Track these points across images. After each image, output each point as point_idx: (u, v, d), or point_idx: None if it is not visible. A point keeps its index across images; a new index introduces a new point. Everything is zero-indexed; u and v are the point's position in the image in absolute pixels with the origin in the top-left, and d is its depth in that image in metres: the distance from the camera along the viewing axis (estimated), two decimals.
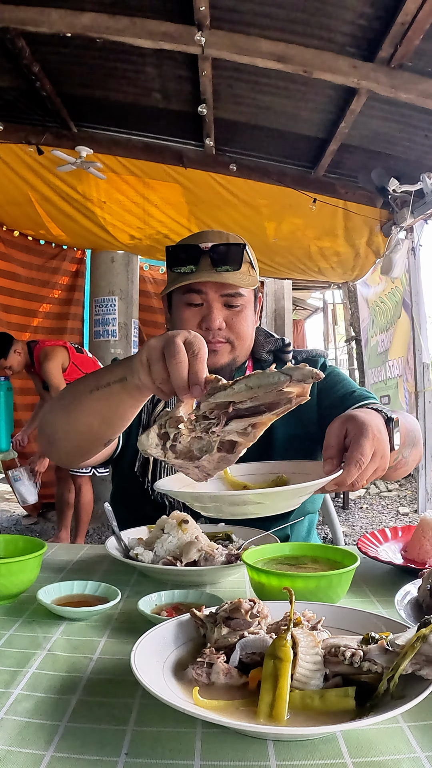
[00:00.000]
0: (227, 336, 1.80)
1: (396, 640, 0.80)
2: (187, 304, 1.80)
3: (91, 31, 4.49)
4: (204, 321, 1.77)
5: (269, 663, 0.79)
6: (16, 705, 0.82)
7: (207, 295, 1.77)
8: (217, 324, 1.76)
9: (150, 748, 0.73)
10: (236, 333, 1.81)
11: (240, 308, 1.80)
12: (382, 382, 7.39)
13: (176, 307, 1.85)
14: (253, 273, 1.84)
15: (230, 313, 1.80)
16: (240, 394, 1.08)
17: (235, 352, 1.83)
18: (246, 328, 1.83)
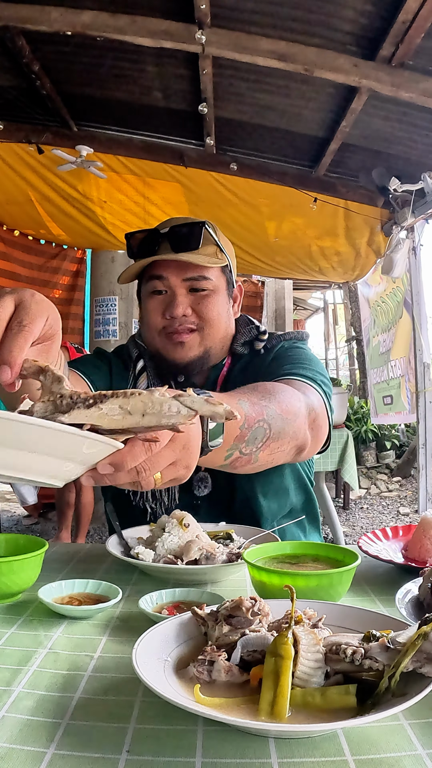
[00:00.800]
0: (195, 322, 1.69)
1: (397, 637, 0.80)
2: (151, 293, 1.72)
3: (91, 29, 4.49)
4: (167, 309, 1.69)
5: (270, 661, 0.79)
6: (17, 703, 0.82)
7: (169, 281, 1.68)
8: (180, 310, 1.67)
9: (151, 746, 0.73)
10: (204, 319, 1.69)
11: (207, 293, 1.70)
12: (384, 383, 7.39)
13: (143, 299, 1.77)
14: (222, 257, 1.73)
15: (196, 298, 1.70)
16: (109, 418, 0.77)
17: (206, 343, 1.71)
18: (216, 314, 1.70)
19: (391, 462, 10.16)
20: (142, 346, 1.84)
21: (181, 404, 0.76)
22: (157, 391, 0.76)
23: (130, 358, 1.86)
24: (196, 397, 0.76)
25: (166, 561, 1.33)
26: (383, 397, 7.44)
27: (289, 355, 1.78)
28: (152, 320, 1.72)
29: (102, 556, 1.54)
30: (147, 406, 0.76)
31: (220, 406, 0.76)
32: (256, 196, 6.57)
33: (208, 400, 0.76)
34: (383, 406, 7.46)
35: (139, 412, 0.76)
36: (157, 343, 1.73)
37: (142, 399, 0.76)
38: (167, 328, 1.70)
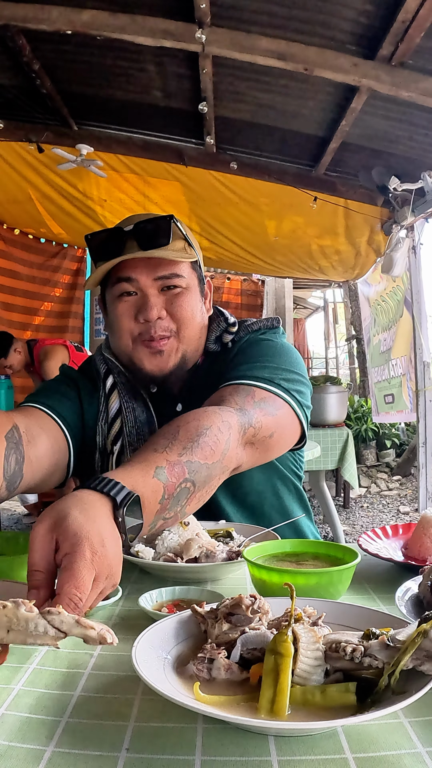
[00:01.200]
0: (170, 327, 1.58)
1: (397, 635, 0.80)
2: (119, 296, 1.59)
3: (91, 28, 4.49)
4: (140, 312, 1.56)
5: (270, 658, 0.79)
6: (17, 701, 0.82)
7: (138, 282, 1.56)
8: (155, 313, 1.55)
9: (151, 744, 0.73)
10: (179, 320, 1.59)
11: (180, 291, 1.59)
12: (385, 381, 7.40)
13: (110, 305, 1.63)
14: (191, 252, 1.62)
15: (169, 298, 1.59)
16: None
17: (182, 348, 1.62)
18: (191, 314, 1.61)
19: (392, 461, 10.16)
20: (110, 360, 1.72)
21: (48, 624, 0.71)
22: (24, 605, 0.71)
23: (98, 374, 1.75)
24: (66, 617, 0.71)
25: (165, 559, 1.33)
26: (384, 396, 7.44)
27: (250, 352, 1.66)
28: (124, 326, 1.59)
29: None
30: (12, 622, 0.71)
31: (92, 630, 0.70)
32: (256, 195, 6.57)
33: (79, 621, 0.71)
34: (384, 404, 7.47)
35: (3, 627, 0.71)
36: (131, 351, 1.61)
37: (7, 613, 0.71)
38: (143, 334, 1.58)
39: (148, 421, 1.66)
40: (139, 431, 1.65)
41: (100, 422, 1.69)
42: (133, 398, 1.68)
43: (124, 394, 1.69)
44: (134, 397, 1.69)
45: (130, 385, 1.70)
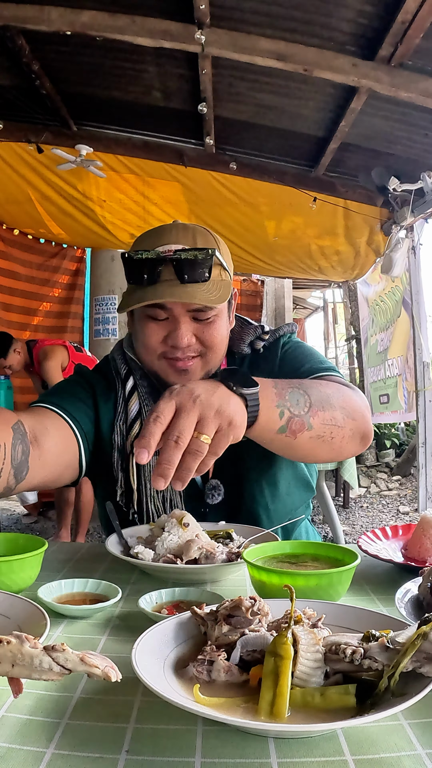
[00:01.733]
0: (198, 350, 1.59)
1: (396, 637, 0.80)
2: (150, 317, 1.58)
3: (90, 29, 4.49)
4: (170, 338, 1.56)
5: (270, 660, 0.79)
6: (16, 702, 0.82)
7: (173, 311, 1.54)
8: (185, 342, 1.54)
9: (151, 746, 0.73)
10: (208, 345, 1.59)
11: (212, 320, 1.58)
12: (381, 381, 7.40)
13: (139, 320, 1.63)
14: (226, 275, 1.61)
15: (201, 327, 1.57)
16: None
17: (208, 366, 1.62)
18: (219, 339, 1.61)
19: (391, 461, 10.15)
20: (132, 361, 1.74)
21: (53, 661, 0.72)
22: (27, 641, 0.72)
23: (117, 374, 1.76)
24: (71, 654, 0.72)
25: (165, 560, 1.33)
26: (379, 396, 7.44)
27: (300, 354, 1.75)
28: (151, 345, 1.59)
29: (101, 555, 1.54)
30: (17, 657, 0.72)
31: (96, 668, 0.71)
32: (255, 196, 6.57)
33: (83, 659, 0.72)
34: (379, 404, 7.47)
35: (8, 662, 0.72)
36: (156, 366, 1.63)
37: (11, 649, 0.72)
38: (167, 354, 1.59)
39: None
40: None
41: (119, 422, 1.70)
42: (153, 401, 1.69)
43: (144, 396, 1.71)
44: (154, 400, 1.69)
45: (151, 388, 1.71)
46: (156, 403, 1.24)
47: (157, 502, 1.68)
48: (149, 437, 1.07)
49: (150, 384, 1.72)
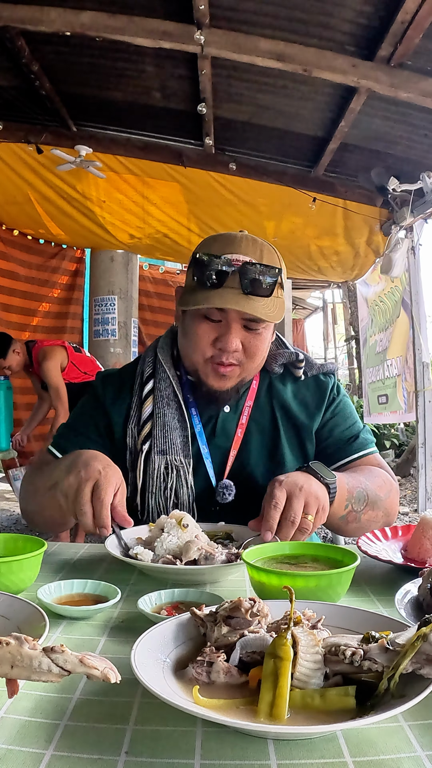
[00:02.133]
0: (240, 358, 1.69)
1: (396, 639, 0.80)
2: (205, 317, 1.67)
3: (90, 30, 4.49)
4: (219, 340, 1.66)
5: (269, 662, 0.79)
6: (15, 704, 0.82)
7: (227, 315, 1.65)
8: (233, 347, 1.65)
9: (150, 747, 0.73)
10: (250, 356, 1.70)
11: (260, 331, 1.69)
12: (380, 381, 7.39)
13: (191, 317, 1.71)
14: (281, 293, 1.71)
15: (249, 336, 1.68)
16: None
17: (243, 374, 1.74)
18: (261, 352, 1.73)
19: (391, 461, 10.15)
20: (161, 364, 1.84)
21: (52, 662, 0.72)
22: (27, 642, 0.73)
23: (140, 375, 1.87)
24: (70, 656, 0.72)
25: (165, 561, 1.33)
26: (378, 396, 7.44)
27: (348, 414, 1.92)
28: (200, 346, 1.69)
29: (101, 556, 1.54)
30: (16, 658, 0.72)
31: (95, 670, 0.71)
32: (255, 196, 6.57)
33: (82, 660, 0.72)
34: (377, 405, 7.46)
35: (7, 663, 0.72)
36: (199, 366, 1.73)
37: (10, 650, 0.72)
38: (214, 358, 1.69)
39: (180, 426, 1.78)
40: (166, 435, 1.76)
41: (131, 425, 1.80)
42: (167, 405, 1.80)
43: (159, 400, 1.80)
44: (168, 403, 1.80)
45: (168, 391, 1.81)
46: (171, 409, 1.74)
47: (160, 499, 1.74)
48: (272, 521, 1.39)
49: (170, 387, 1.82)
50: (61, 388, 5.54)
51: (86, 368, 5.83)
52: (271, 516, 1.39)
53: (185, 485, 1.73)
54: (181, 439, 1.76)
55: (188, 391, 1.83)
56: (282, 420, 1.85)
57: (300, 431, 1.86)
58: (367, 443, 1.89)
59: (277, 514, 1.39)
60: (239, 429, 1.82)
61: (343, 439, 1.87)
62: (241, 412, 1.84)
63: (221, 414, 1.82)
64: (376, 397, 7.47)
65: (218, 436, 1.81)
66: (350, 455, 1.85)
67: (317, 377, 1.92)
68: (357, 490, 1.66)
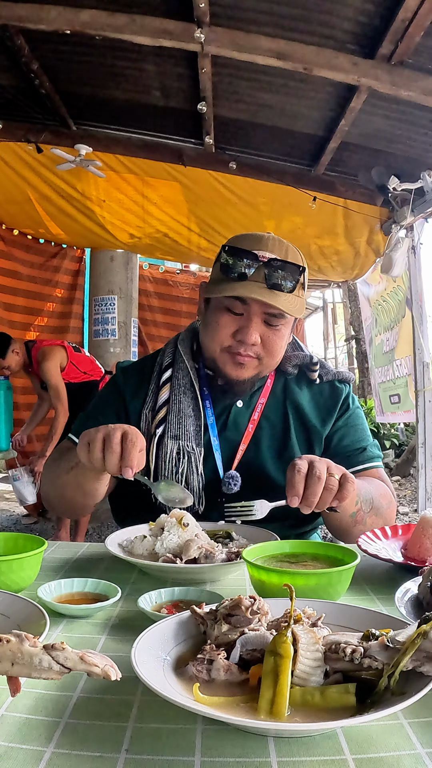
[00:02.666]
0: (258, 352, 1.75)
1: (396, 636, 0.80)
2: (227, 309, 1.74)
3: (90, 28, 4.48)
4: (239, 332, 1.72)
5: (270, 660, 0.79)
6: (16, 702, 0.82)
7: (250, 308, 1.71)
8: (253, 340, 1.71)
9: (150, 745, 0.73)
10: (268, 351, 1.76)
11: (279, 327, 1.75)
12: (390, 381, 7.36)
13: (214, 308, 1.79)
14: (302, 295, 1.78)
15: (268, 331, 1.75)
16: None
17: (261, 368, 1.80)
18: (280, 348, 1.80)
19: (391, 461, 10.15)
20: (180, 356, 1.90)
21: (53, 660, 0.72)
22: (27, 640, 0.73)
23: (158, 366, 1.93)
24: (70, 653, 0.72)
25: (165, 560, 1.33)
26: (390, 396, 7.41)
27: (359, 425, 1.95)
28: (220, 336, 1.76)
29: (101, 554, 1.54)
30: (16, 656, 0.72)
31: (95, 667, 0.72)
32: (255, 195, 6.56)
33: (83, 657, 0.72)
34: (390, 405, 7.44)
35: (8, 660, 0.72)
36: (217, 355, 1.79)
37: (11, 648, 0.72)
38: (232, 348, 1.75)
39: (194, 415, 1.83)
40: (180, 422, 1.81)
41: (145, 411, 1.86)
42: (183, 393, 1.85)
43: (176, 388, 1.86)
44: (185, 392, 1.85)
45: (185, 380, 1.87)
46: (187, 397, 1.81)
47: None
48: (298, 485, 1.39)
49: (187, 376, 1.87)
50: (60, 388, 5.54)
51: (86, 368, 5.83)
52: (295, 480, 1.39)
53: (195, 472, 1.77)
54: (194, 427, 1.81)
55: (204, 383, 1.88)
56: (294, 420, 1.89)
57: (310, 434, 1.89)
58: (373, 457, 1.92)
59: (302, 477, 1.40)
60: (251, 424, 1.86)
61: (351, 449, 1.90)
62: (254, 408, 1.88)
63: (234, 408, 1.87)
64: (388, 397, 7.45)
65: (229, 429, 1.85)
66: (355, 465, 1.87)
67: (333, 383, 1.96)
68: (365, 491, 1.69)
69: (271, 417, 1.88)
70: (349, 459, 1.87)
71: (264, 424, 1.87)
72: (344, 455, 1.88)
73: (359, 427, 1.95)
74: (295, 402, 1.90)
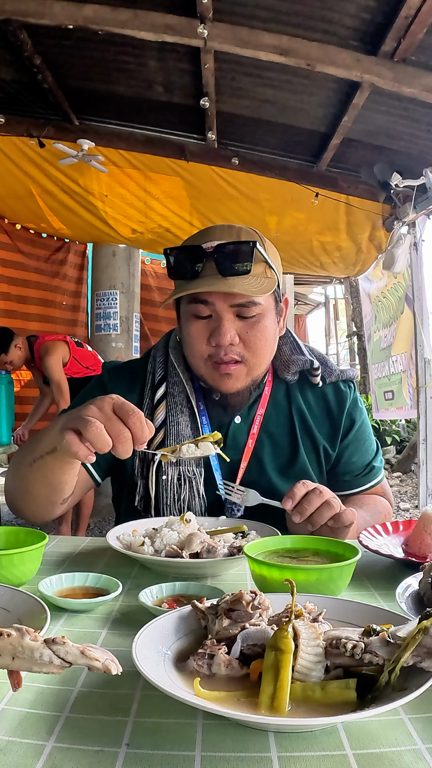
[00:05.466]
0: (241, 353, 1.59)
1: (397, 632, 0.80)
2: (194, 316, 1.60)
3: (93, 23, 4.48)
4: (213, 336, 1.57)
5: (270, 655, 0.79)
6: (16, 696, 0.82)
7: (215, 306, 1.56)
8: (228, 339, 1.55)
9: (151, 739, 0.73)
10: (252, 349, 1.60)
11: (256, 318, 1.58)
12: (385, 378, 7.39)
13: (184, 319, 1.65)
14: (271, 273, 1.60)
15: (245, 326, 1.58)
16: None
17: (252, 373, 1.64)
18: (264, 343, 1.62)
19: (392, 457, 10.16)
20: (172, 367, 1.76)
21: (53, 654, 0.72)
22: (28, 634, 0.72)
23: (152, 376, 1.78)
24: (71, 648, 0.72)
25: (168, 552, 1.33)
26: (384, 392, 7.43)
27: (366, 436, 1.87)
28: (196, 348, 1.62)
29: (102, 549, 1.54)
30: (17, 650, 0.72)
31: (96, 662, 0.71)
32: (257, 191, 6.56)
33: (84, 652, 0.72)
34: (384, 401, 7.46)
35: (9, 654, 0.72)
36: (202, 370, 1.66)
37: (12, 642, 0.72)
38: (213, 356, 1.61)
39: (193, 435, 1.70)
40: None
41: None
42: (180, 412, 1.71)
43: (172, 406, 1.72)
44: (182, 410, 1.72)
45: (181, 397, 1.73)
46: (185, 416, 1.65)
47: (174, 511, 1.69)
48: (296, 491, 1.37)
49: (183, 392, 1.73)
50: (62, 383, 5.55)
51: (88, 363, 5.83)
52: (296, 488, 1.37)
53: (197, 496, 1.68)
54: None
55: (200, 398, 1.75)
56: (301, 431, 1.77)
57: (318, 448, 1.79)
58: (377, 473, 1.88)
59: (304, 488, 1.37)
60: (250, 439, 1.73)
61: (359, 469, 1.85)
62: (252, 420, 1.75)
63: (232, 425, 1.74)
64: (383, 393, 7.47)
65: (229, 447, 1.71)
66: (361, 486, 1.85)
67: (336, 385, 1.83)
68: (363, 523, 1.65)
69: (273, 429, 1.76)
70: (357, 479, 1.85)
71: (264, 438, 1.75)
72: (353, 475, 1.84)
73: (366, 441, 1.87)
74: (301, 410, 1.78)
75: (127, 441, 1.19)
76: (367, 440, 1.87)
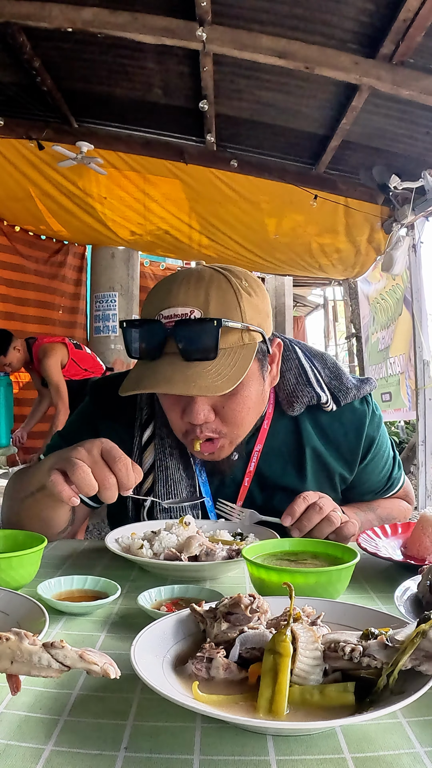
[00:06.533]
0: (218, 429, 1.44)
1: (395, 635, 0.80)
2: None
3: (92, 26, 4.49)
4: (185, 414, 1.41)
5: (269, 658, 0.79)
6: (15, 699, 0.82)
7: None
8: (201, 418, 1.38)
9: (149, 743, 0.73)
10: (230, 423, 1.44)
11: (233, 391, 1.35)
12: (383, 379, 7.39)
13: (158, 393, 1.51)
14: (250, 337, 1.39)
15: (220, 399, 1.41)
16: None
17: (236, 442, 1.50)
18: (245, 414, 1.45)
19: None
20: (158, 403, 1.60)
21: (52, 658, 0.71)
22: (26, 638, 0.72)
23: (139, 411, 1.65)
24: (70, 651, 0.72)
25: (168, 555, 1.33)
26: (381, 394, 7.44)
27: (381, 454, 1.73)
28: (172, 421, 1.48)
29: (101, 552, 1.53)
30: (15, 654, 0.72)
31: (95, 665, 0.71)
32: (256, 193, 6.57)
33: (82, 656, 0.71)
34: (381, 403, 7.46)
35: (7, 658, 0.72)
36: (184, 442, 1.53)
37: (10, 646, 0.72)
38: (188, 433, 1.46)
39: (186, 475, 1.59)
40: (169, 490, 1.58)
41: None
42: (169, 455, 1.60)
43: (160, 450, 1.60)
44: (171, 453, 1.60)
45: (170, 440, 1.60)
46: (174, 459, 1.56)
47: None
48: (296, 507, 1.34)
49: (172, 434, 1.56)
50: (61, 385, 5.55)
51: (87, 365, 5.83)
52: (296, 504, 1.34)
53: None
54: (187, 490, 1.58)
55: None
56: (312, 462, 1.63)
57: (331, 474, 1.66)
58: (397, 482, 1.83)
59: (304, 503, 1.34)
60: (246, 478, 1.60)
61: (379, 486, 1.80)
62: (250, 458, 1.60)
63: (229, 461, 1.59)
64: (380, 395, 7.47)
65: (227, 486, 1.62)
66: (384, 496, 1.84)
67: (352, 405, 1.66)
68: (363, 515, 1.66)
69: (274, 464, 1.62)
70: (378, 494, 1.81)
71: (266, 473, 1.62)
72: (374, 493, 1.79)
73: (385, 454, 1.75)
74: (312, 444, 1.62)
75: (112, 487, 1.20)
76: (386, 453, 1.76)
